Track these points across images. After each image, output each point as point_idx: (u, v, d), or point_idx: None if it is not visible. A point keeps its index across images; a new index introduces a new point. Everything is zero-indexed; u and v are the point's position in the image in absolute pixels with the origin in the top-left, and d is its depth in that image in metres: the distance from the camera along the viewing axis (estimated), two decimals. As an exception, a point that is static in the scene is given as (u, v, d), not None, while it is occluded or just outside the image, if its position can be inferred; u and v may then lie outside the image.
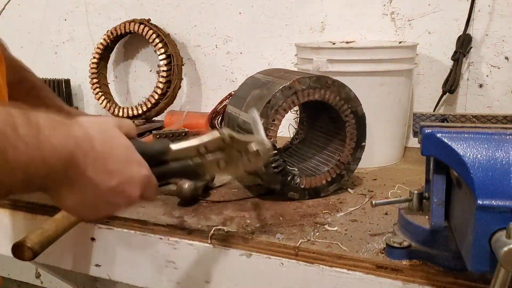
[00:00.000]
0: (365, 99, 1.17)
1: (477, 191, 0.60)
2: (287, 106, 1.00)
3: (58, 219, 0.92)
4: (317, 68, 1.20)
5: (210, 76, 1.69)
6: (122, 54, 1.84)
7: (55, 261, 1.02)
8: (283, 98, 0.99)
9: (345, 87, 1.03)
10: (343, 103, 1.03)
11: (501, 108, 1.34)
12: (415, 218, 0.79)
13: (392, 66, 1.21)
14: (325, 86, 1.01)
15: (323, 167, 1.08)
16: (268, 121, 0.99)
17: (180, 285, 0.93)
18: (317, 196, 1.05)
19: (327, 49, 1.25)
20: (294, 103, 1.00)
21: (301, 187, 1.03)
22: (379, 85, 1.21)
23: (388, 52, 1.22)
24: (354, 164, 1.07)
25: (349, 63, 1.20)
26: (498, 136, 0.64)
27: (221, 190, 1.10)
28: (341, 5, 1.47)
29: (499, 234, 0.58)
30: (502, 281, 0.57)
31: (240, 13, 1.60)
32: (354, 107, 1.04)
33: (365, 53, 1.19)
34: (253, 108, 0.96)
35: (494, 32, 1.31)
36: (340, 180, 1.06)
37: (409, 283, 0.75)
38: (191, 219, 0.95)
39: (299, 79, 0.99)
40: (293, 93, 0.99)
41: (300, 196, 1.03)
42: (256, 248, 0.86)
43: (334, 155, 1.08)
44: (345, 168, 1.06)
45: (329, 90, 1.02)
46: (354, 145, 1.05)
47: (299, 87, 1.00)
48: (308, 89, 1.00)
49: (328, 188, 1.05)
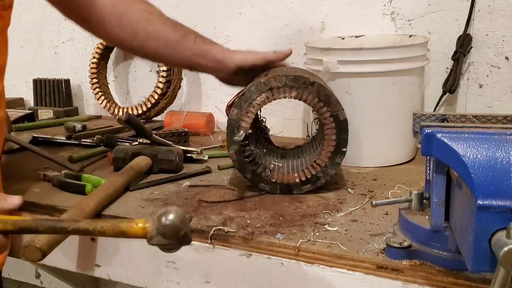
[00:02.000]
0: (377, 99, 1.16)
1: (477, 191, 0.60)
2: (261, 100, 1.03)
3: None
4: (327, 69, 1.19)
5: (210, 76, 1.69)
6: (122, 54, 1.84)
7: (55, 261, 1.02)
8: (257, 92, 1.03)
9: (326, 89, 1.03)
10: (322, 106, 1.03)
11: (501, 108, 1.34)
12: (415, 218, 0.79)
13: (403, 65, 1.19)
14: (303, 86, 1.03)
15: (302, 166, 1.10)
16: (241, 112, 1.03)
17: (180, 285, 0.93)
18: (289, 193, 1.07)
19: (337, 50, 1.22)
20: (268, 98, 1.04)
21: (273, 181, 1.07)
22: (390, 84, 1.19)
23: (399, 52, 1.19)
24: (332, 168, 1.06)
25: (360, 63, 1.18)
26: (498, 136, 0.64)
27: (221, 190, 1.10)
28: (341, 5, 1.47)
29: (499, 234, 0.58)
30: (502, 281, 0.57)
31: (240, 13, 1.60)
32: (334, 111, 1.03)
33: (376, 54, 1.17)
34: None
35: (494, 32, 1.31)
36: (316, 182, 1.07)
37: (409, 283, 0.75)
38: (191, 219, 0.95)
39: (275, 76, 1.02)
40: (268, 89, 1.03)
41: (271, 189, 1.07)
42: (256, 248, 0.86)
43: (314, 157, 1.10)
44: (322, 171, 1.06)
45: (306, 90, 1.03)
46: (333, 150, 1.04)
47: (274, 84, 1.03)
48: (284, 87, 1.03)
49: (301, 187, 1.07)
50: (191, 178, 1.18)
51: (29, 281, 2.15)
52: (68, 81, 1.88)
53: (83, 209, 0.95)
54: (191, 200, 1.05)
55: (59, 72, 1.94)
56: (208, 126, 1.59)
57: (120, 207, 1.02)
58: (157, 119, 1.71)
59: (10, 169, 1.27)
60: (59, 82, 1.86)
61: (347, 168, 1.22)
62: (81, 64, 1.87)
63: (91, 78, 1.77)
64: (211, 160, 1.30)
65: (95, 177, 1.14)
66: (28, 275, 2.14)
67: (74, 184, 1.12)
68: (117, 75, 1.87)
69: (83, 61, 1.85)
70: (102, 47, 1.76)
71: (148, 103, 1.66)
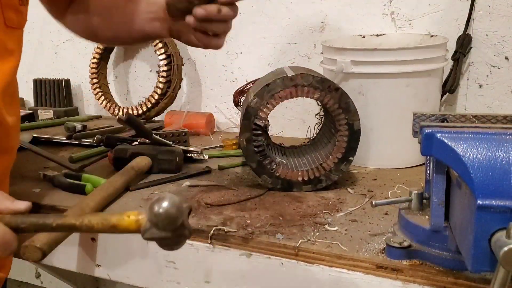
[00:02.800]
0: (390, 100, 1.14)
1: (477, 191, 0.60)
2: (284, 95, 1.04)
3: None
4: (340, 69, 1.18)
5: (210, 76, 1.69)
6: (122, 54, 1.84)
7: (55, 261, 1.02)
8: (282, 86, 1.03)
9: (348, 98, 1.04)
10: (341, 112, 1.04)
11: (501, 108, 1.34)
12: (415, 218, 0.79)
13: (420, 67, 1.16)
14: (327, 90, 1.03)
15: (306, 165, 1.10)
16: (262, 102, 1.04)
17: (180, 285, 0.93)
18: (289, 190, 1.08)
19: (350, 50, 1.20)
20: (291, 94, 1.04)
21: (276, 175, 1.07)
22: (404, 86, 1.17)
23: (415, 53, 1.16)
24: (335, 174, 1.08)
25: (374, 64, 1.16)
26: (498, 136, 0.64)
27: (221, 190, 1.10)
28: (341, 5, 1.46)
29: (499, 234, 0.58)
30: (502, 281, 0.57)
31: (240, 13, 1.60)
32: (351, 120, 1.05)
33: (391, 55, 1.14)
34: None
35: (494, 32, 1.31)
36: (317, 184, 1.08)
37: (409, 283, 0.75)
38: (191, 219, 0.95)
39: (302, 74, 1.03)
40: (293, 85, 1.03)
41: (273, 183, 1.07)
42: (256, 248, 0.86)
43: (320, 159, 1.10)
44: (325, 175, 1.07)
45: (329, 94, 1.03)
46: (341, 157, 1.06)
47: (300, 82, 1.03)
48: (309, 87, 1.03)
49: (302, 186, 1.08)
50: (191, 178, 1.18)
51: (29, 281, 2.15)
52: (68, 81, 1.88)
53: (83, 209, 0.96)
54: (191, 200, 1.05)
55: (59, 72, 1.94)
56: (208, 126, 1.59)
57: (120, 207, 1.03)
58: (157, 119, 1.71)
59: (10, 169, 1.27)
60: (59, 82, 1.86)
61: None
62: (81, 64, 1.87)
63: (91, 78, 1.77)
64: (211, 160, 1.30)
65: (95, 177, 1.14)
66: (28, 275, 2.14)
67: (74, 184, 1.12)
68: (117, 75, 1.87)
69: (83, 61, 1.85)
70: (102, 47, 1.76)
71: (148, 103, 1.66)
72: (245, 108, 1.05)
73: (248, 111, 1.04)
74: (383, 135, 1.21)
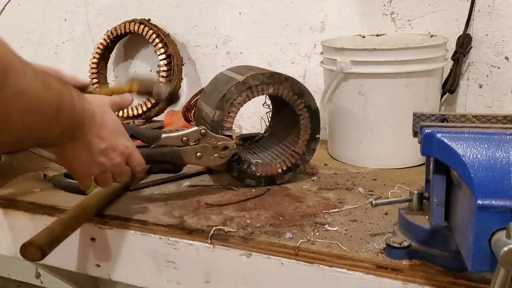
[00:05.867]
0: (389, 100, 1.14)
1: (477, 191, 0.60)
2: (242, 100, 1.07)
3: (65, 219, 0.92)
4: (340, 70, 1.18)
5: (210, 76, 1.67)
6: (122, 54, 1.84)
7: (55, 261, 1.02)
8: (237, 92, 1.06)
9: (298, 83, 1.09)
10: (297, 98, 1.10)
11: (501, 108, 1.34)
12: (415, 218, 0.79)
13: (419, 67, 1.16)
14: (279, 82, 1.08)
15: (280, 157, 1.14)
16: (224, 113, 1.06)
17: (180, 285, 0.93)
18: (273, 183, 1.11)
19: (350, 50, 1.20)
20: (248, 97, 1.08)
21: (257, 175, 1.10)
22: (404, 86, 1.17)
23: (415, 53, 1.16)
24: (308, 155, 1.14)
25: (374, 64, 1.16)
26: (498, 136, 0.64)
27: (221, 190, 1.10)
28: (341, 5, 1.46)
29: (499, 234, 0.58)
30: (502, 281, 0.57)
31: (240, 13, 1.60)
32: (307, 101, 1.11)
33: (391, 55, 1.14)
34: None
35: (494, 32, 1.31)
36: (296, 169, 1.13)
37: (409, 283, 0.75)
38: (191, 219, 0.95)
39: (252, 75, 1.06)
40: (247, 88, 1.06)
41: (257, 183, 1.10)
42: (256, 248, 0.86)
43: (290, 146, 1.14)
44: (300, 158, 1.13)
45: (282, 85, 1.08)
46: (309, 137, 1.12)
47: (252, 83, 1.06)
48: (262, 85, 1.07)
49: (283, 176, 1.12)
50: (191, 178, 1.18)
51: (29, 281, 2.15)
52: (68, 81, 1.88)
53: (83, 209, 0.96)
54: (191, 200, 1.05)
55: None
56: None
57: (120, 207, 1.03)
58: (157, 119, 1.71)
59: (10, 169, 1.27)
60: (59, 82, 1.85)
61: (347, 168, 1.22)
62: (81, 64, 1.87)
63: (91, 78, 1.77)
64: (211, 160, 1.30)
65: (95, 177, 1.13)
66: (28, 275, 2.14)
67: (74, 184, 1.12)
68: (117, 75, 1.87)
69: (83, 61, 1.84)
70: (102, 47, 1.76)
71: (148, 103, 1.66)
72: (210, 124, 1.06)
73: (214, 126, 1.06)
74: (383, 135, 1.21)
